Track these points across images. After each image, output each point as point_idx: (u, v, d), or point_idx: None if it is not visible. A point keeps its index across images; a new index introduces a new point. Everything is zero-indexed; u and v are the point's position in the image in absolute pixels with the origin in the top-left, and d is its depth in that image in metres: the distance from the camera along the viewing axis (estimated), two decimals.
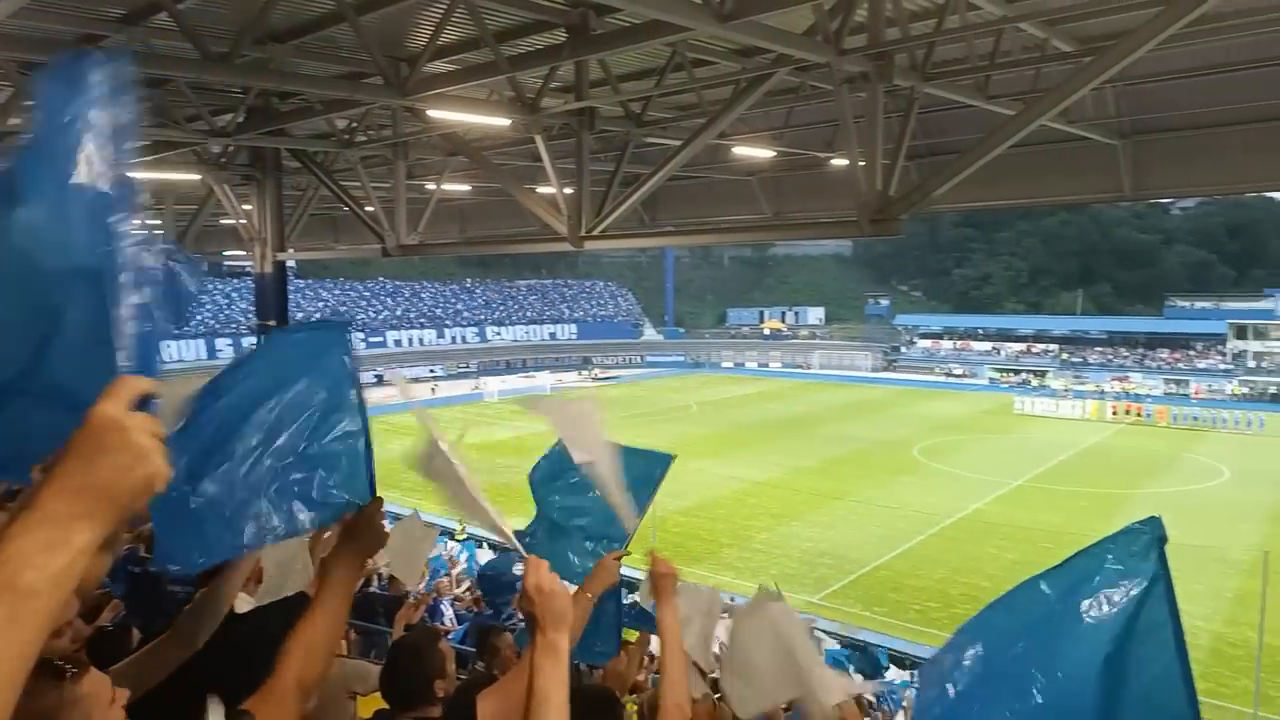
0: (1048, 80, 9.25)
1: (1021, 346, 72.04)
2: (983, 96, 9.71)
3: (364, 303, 71.85)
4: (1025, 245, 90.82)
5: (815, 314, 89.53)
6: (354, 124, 12.26)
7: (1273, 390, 57.29)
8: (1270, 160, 10.58)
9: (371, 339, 65.91)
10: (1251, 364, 60.41)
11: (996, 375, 68.35)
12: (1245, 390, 58.07)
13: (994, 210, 69.12)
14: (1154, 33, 6.50)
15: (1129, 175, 11.45)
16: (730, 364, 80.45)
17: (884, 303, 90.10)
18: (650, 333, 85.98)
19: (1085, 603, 1.90)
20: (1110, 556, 1.91)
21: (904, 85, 8.60)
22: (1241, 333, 61.76)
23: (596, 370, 72.02)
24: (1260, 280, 74.15)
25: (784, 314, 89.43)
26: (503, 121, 10.07)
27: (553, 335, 78.73)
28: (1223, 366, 61.32)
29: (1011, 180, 12.40)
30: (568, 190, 10.81)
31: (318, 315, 56.38)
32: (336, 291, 72.10)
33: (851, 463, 36.50)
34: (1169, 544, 1.89)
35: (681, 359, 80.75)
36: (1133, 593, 1.86)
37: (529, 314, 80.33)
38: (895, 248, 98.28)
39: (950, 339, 76.37)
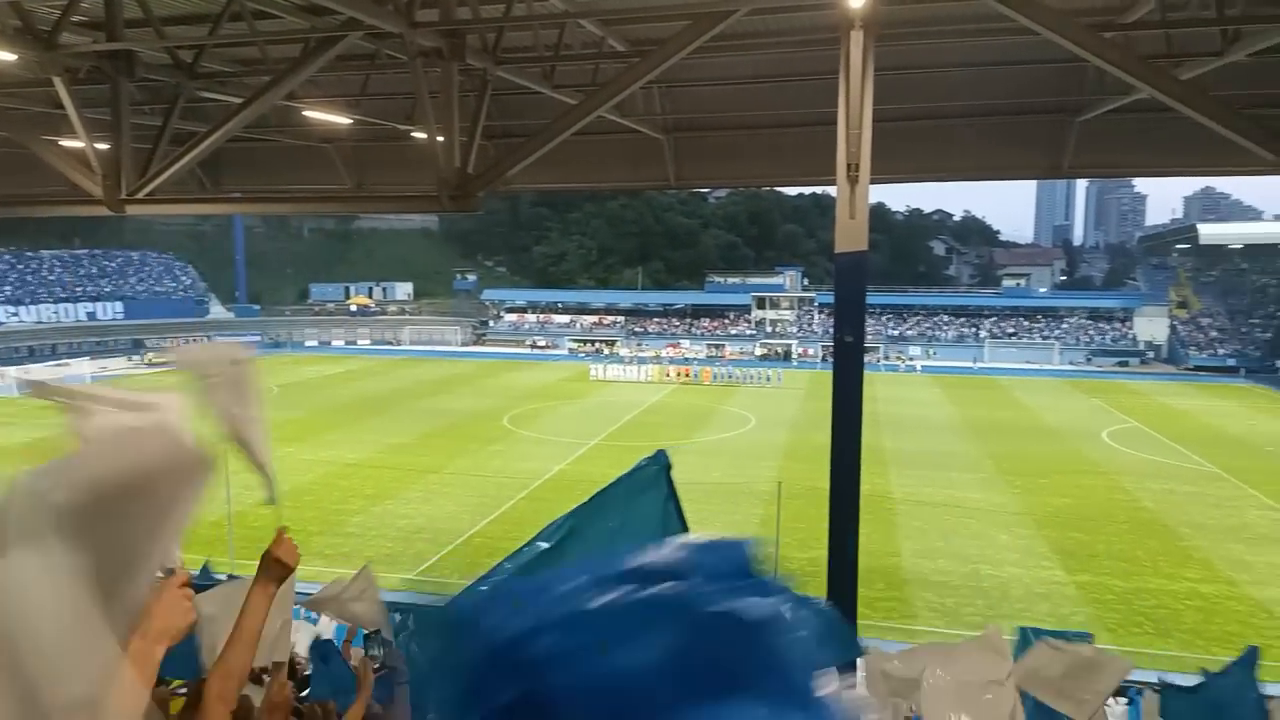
0: (605, 76, 10.22)
1: (595, 318, 78.63)
2: (549, 85, 10.40)
3: None
4: (593, 226, 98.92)
5: (404, 289, 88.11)
6: None
7: (782, 350, 70.07)
8: (778, 160, 12.92)
9: None
10: (769, 329, 73.20)
11: (575, 345, 73.83)
12: (765, 351, 70.21)
13: (566, 192, 74.28)
14: (686, 42, 7.56)
15: (673, 166, 13.15)
16: (315, 342, 75.90)
17: (471, 278, 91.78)
18: (219, 310, 77.39)
19: (620, 523, 2.36)
20: (629, 487, 2.41)
21: (477, 66, 8.88)
22: (761, 304, 74.52)
23: (152, 355, 62.97)
24: (773, 260, 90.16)
25: (371, 289, 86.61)
26: (5, 56, 8.33)
27: (91, 315, 66.98)
28: (749, 332, 73.36)
29: (580, 165, 13.50)
30: (103, 145, 9.32)
31: None
32: None
33: (445, 436, 36.86)
34: (717, 484, 2.44)
35: (258, 338, 74.13)
36: (653, 514, 2.36)
37: (58, 290, 67.32)
38: (480, 224, 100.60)
39: (534, 313, 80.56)
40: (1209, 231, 73.29)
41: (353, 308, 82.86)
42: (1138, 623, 18.14)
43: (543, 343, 75.33)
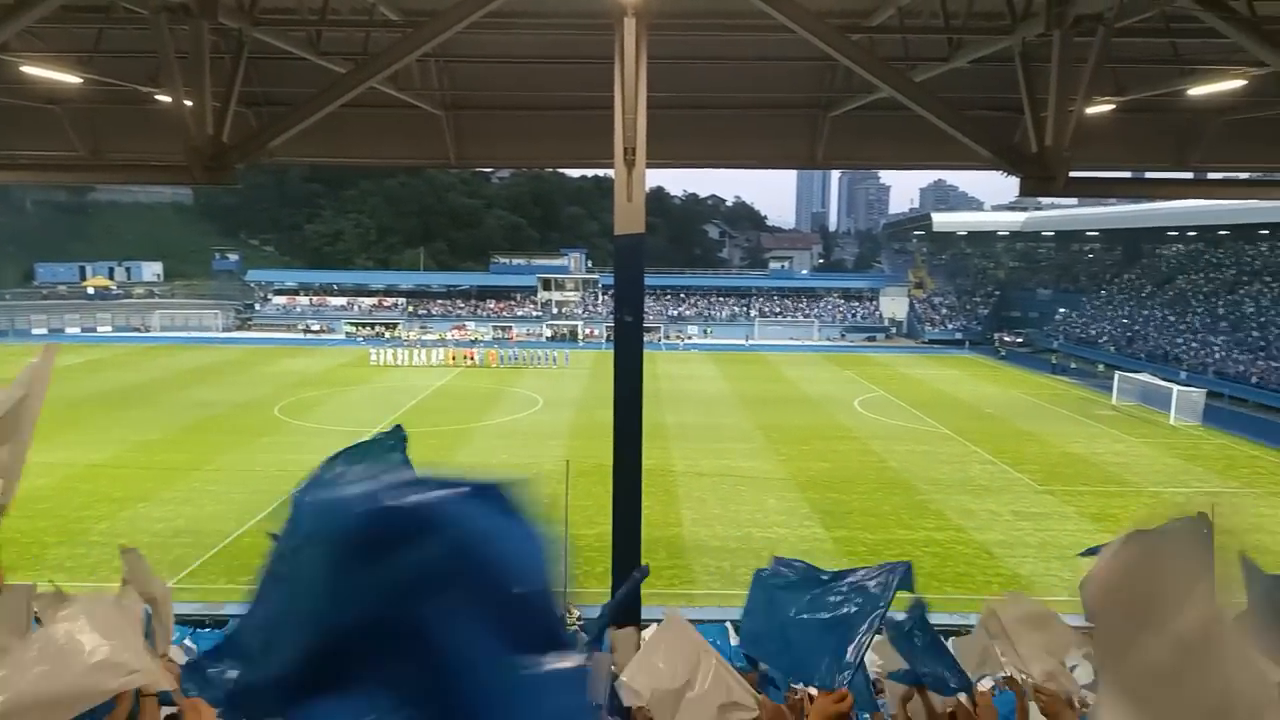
0: (377, 46, 9.79)
1: (374, 301, 75.33)
2: (315, 51, 9.81)
3: None
4: (371, 204, 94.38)
5: (152, 269, 79.65)
6: None
7: (569, 331, 70.90)
8: (561, 142, 13.01)
9: None
10: (555, 311, 73.71)
11: (352, 329, 70.33)
12: (552, 332, 70.67)
13: (340, 167, 70.32)
14: (461, 15, 7.42)
15: (454, 145, 12.87)
16: (44, 330, 66.82)
17: (233, 257, 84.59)
18: None
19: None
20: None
21: (231, 25, 8.20)
22: (547, 285, 74.85)
23: None
24: (557, 241, 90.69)
25: (113, 269, 77.50)
26: None
27: None
28: (535, 314, 73.47)
29: (354, 139, 12.86)
30: None
31: None
32: None
33: (207, 429, 33.90)
34: (506, 465, 2.52)
35: None
36: None
37: None
38: (243, 199, 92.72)
39: (306, 294, 75.75)
40: (940, 220, 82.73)
41: (90, 290, 73.80)
42: None
43: (317, 327, 71.08)
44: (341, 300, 75.12)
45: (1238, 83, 10.74)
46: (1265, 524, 23.24)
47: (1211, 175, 21.72)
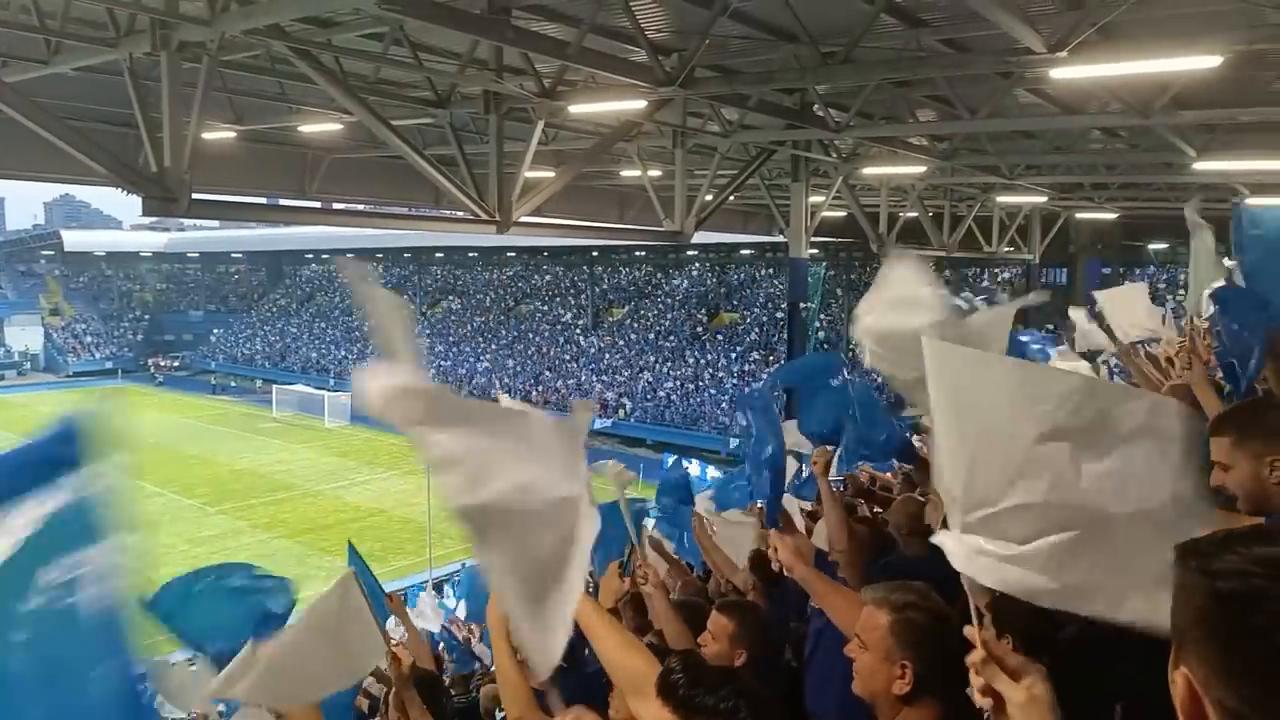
0: None
1: None
2: None
3: None
4: None
5: None
6: None
7: None
8: None
9: None
10: None
11: None
12: None
13: None
14: None
15: None
16: None
17: None
18: None
19: None
20: None
21: None
22: None
23: None
24: None
25: None
26: None
27: None
28: None
29: None
30: None
31: None
32: None
33: None
34: None
35: None
36: None
37: None
38: None
39: None
40: (73, 239, 73.97)
41: None
42: None
43: None
44: None
45: (336, 126, 12.55)
46: (408, 499, 27.83)
47: (336, 205, 24.89)
